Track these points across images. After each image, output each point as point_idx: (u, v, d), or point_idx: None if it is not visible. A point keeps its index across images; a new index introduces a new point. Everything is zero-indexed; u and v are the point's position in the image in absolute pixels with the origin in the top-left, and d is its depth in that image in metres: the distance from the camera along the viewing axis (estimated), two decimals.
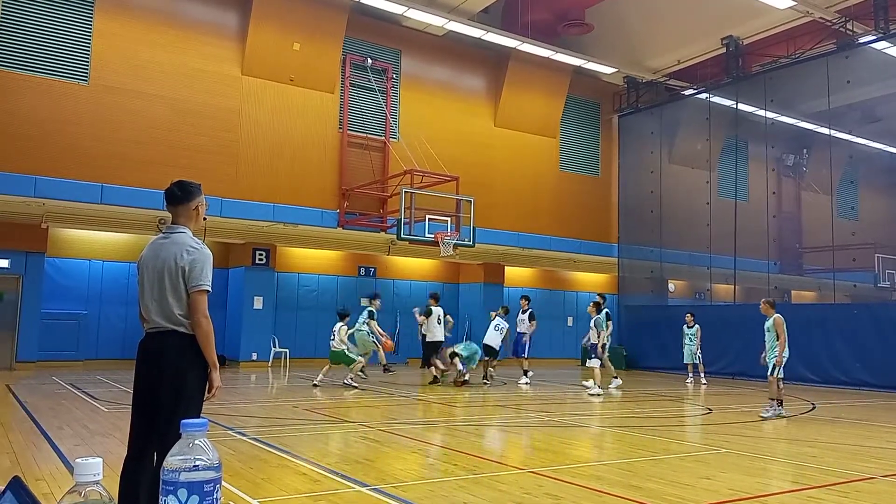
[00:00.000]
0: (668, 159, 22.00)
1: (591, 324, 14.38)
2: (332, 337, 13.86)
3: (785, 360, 10.47)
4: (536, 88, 20.97)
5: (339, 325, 13.87)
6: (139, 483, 3.68)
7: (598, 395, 13.22)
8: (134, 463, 3.75)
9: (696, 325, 16.90)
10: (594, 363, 14.08)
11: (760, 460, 7.00)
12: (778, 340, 10.47)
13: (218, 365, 3.84)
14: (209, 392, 3.80)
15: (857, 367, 16.16)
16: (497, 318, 15.15)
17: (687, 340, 16.96)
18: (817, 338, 16.93)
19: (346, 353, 13.80)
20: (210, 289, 3.76)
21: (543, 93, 21.21)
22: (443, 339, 15.22)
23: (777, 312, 10.67)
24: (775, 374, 10.43)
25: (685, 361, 17.04)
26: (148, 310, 3.78)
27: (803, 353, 17.26)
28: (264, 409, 10.52)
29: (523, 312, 15.68)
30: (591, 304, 14.75)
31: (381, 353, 15.66)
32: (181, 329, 3.72)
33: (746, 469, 6.54)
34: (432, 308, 15.24)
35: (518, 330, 15.74)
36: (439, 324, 15.13)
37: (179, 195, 3.87)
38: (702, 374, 16.84)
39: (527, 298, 16.13)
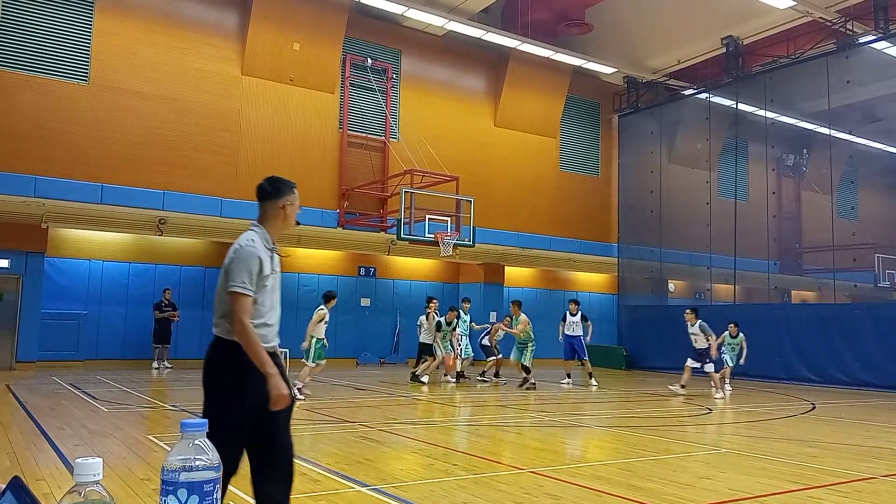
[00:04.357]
0: (667, 159, 22.00)
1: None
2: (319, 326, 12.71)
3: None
4: (536, 88, 20.96)
5: (324, 308, 12.80)
6: None
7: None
8: None
9: (741, 335, 15.03)
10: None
11: (760, 460, 7.00)
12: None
13: (273, 372, 3.38)
14: (268, 401, 3.38)
15: (857, 367, 16.16)
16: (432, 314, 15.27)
17: (728, 350, 15.09)
18: (817, 338, 16.94)
19: (320, 343, 12.69)
20: (243, 292, 3.38)
21: (543, 93, 21.20)
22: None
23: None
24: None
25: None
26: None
27: (803, 352, 17.32)
28: None
29: (572, 315, 15.88)
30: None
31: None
32: (216, 331, 3.54)
33: (746, 469, 6.54)
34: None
35: (574, 333, 15.84)
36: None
37: (269, 190, 3.64)
38: (727, 381, 15.20)
39: (576, 303, 16.26)
